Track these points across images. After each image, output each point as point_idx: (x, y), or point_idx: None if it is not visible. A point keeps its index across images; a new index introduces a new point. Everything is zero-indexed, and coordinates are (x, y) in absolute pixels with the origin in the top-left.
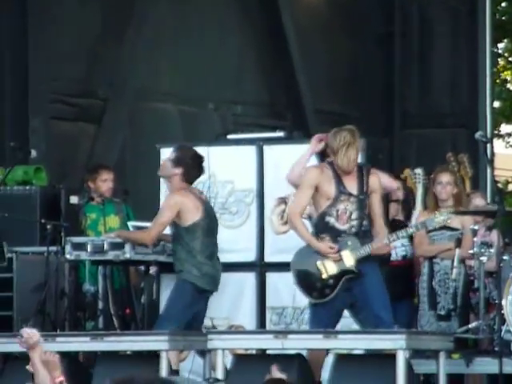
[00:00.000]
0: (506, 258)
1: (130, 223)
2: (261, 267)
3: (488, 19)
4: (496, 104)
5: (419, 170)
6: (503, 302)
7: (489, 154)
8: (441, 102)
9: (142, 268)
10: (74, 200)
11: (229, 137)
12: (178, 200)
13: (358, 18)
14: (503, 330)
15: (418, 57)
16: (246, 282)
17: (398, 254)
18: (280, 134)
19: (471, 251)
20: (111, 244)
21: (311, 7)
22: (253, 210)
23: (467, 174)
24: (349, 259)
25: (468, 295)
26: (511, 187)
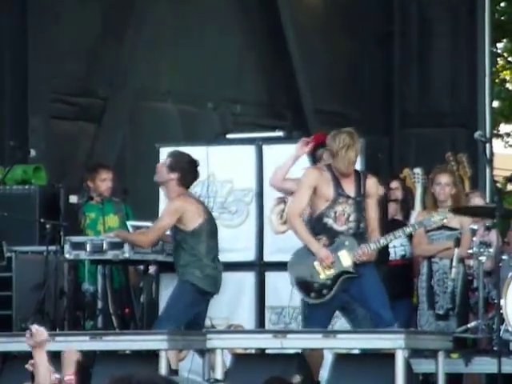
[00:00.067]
0: (504, 257)
1: (129, 223)
2: (260, 267)
3: (487, 19)
4: (495, 104)
5: (418, 170)
6: (502, 302)
7: (488, 154)
8: (440, 101)
9: (141, 267)
10: (73, 199)
11: (228, 136)
12: (178, 205)
13: (357, 17)
14: (502, 329)
15: (417, 56)
16: (245, 281)
17: (396, 253)
18: (279, 133)
19: (470, 251)
20: (110, 243)
21: (311, 7)
22: (252, 209)
23: (466, 174)
24: (346, 259)
25: (467, 295)
26: (510, 187)
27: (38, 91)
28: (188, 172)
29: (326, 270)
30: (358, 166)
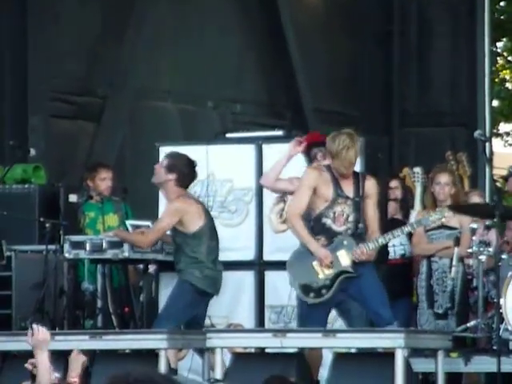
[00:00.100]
0: (504, 256)
1: (128, 222)
2: (259, 266)
3: (487, 18)
4: (495, 103)
5: (418, 169)
6: (501, 301)
7: (487, 153)
8: (440, 100)
9: (140, 266)
10: (72, 198)
11: (228, 135)
12: (179, 207)
13: (357, 17)
14: (501, 328)
15: (416, 56)
16: (245, 280)
17: (396, 252)
18: (279, 132)
19: (470, 250)
20: (110, 243)
21: (310, 7)
22: (252, 208)
23: (466, 173)
24: (345, 259)
25: (466, 294)
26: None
27: (37, 91)
28: (186, 172)
29: (324, 270)
30: (357, 165)
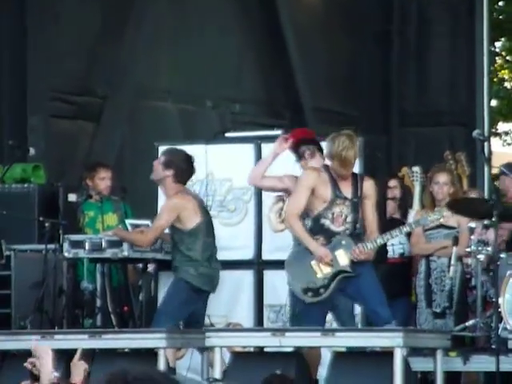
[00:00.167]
0: (503, 256)
1: (127, 221)
2: (258, 265)
3: (485, 18)
4: (493, 102)
5: (417, 169)
6: (500, 300)
7: (486, 153)
8: (438, 100)
9: (139, 266)
10: (72, 198)
11: (227, 135)
12: (177, 204)
13: (356, 17)
14: (500, 327)
15: (415, 55)
16: (244, 279)
17: (395, 251)
18: (278, 132)
19: (468, 249)
20: (109, 242)
21: (310, 7)
22: (251, 207)
23: (465, 173)
24: (343, 259)
25: (465, 293)
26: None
27: (37, 90)
28: (183, 168)
29: (323, 270)
30: (356, 164)
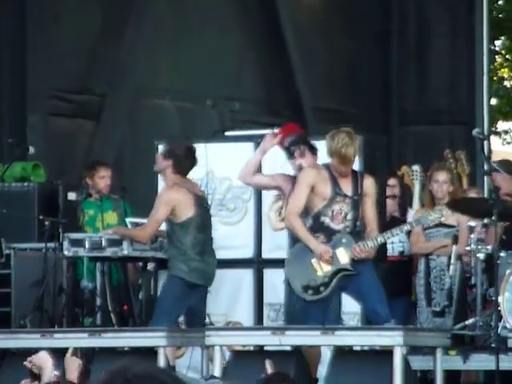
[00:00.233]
0: (502, 254)
1: (127, 220)
2: (258, 264)
3: (485, 17)
4: (493, 101)
5: (416, 167)
6: (500, 299)
7: (486, 151)
8: (438, 99)
9: (139, 264)
10: (71, 196)
11: (226, 134)
12: (171, 196)
13: (356, 16)
14: (500, 326)
15: (415, 54)
16: (244, 278)
17: (394, 249)
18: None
19: (468, 248)
20: (109, 240)
21: (309, 6)
22: (250, 206)
23: (464, 171)
24: (343, 257)
25: (464, 292)
26: None
27: (36, 89)
28: (182, 159)
29: (323, 267)
30: (356, 163)
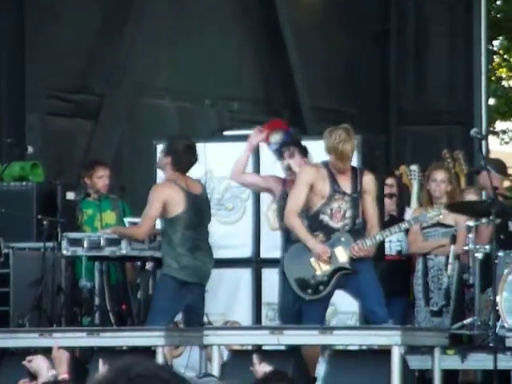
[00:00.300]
0: (500, 254)
1: (126, 219)
2: (257, 263)
3: (483, 17)
4: (491, 101)
5: (415, 167)
6: (498, 299)
7: (484, 151)
8: (436, 99)
9: (138, 264)
10: (70, 196)
11: (225, 133)
12: (163, 192)
13: (354, 15)
14: (498, 325)
15: (413, 54)
16: (242, 277)
17: (392, 248)
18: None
19: (466, 247)
20: (107, 240)
21: (308, 5)
22: (249, 206)
23: (462, 171)
24: (342, 256)
25: (462, 291)
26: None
27: (34, 89)
28: (181, 156)
29: (322, 266)
30: (354, 163)
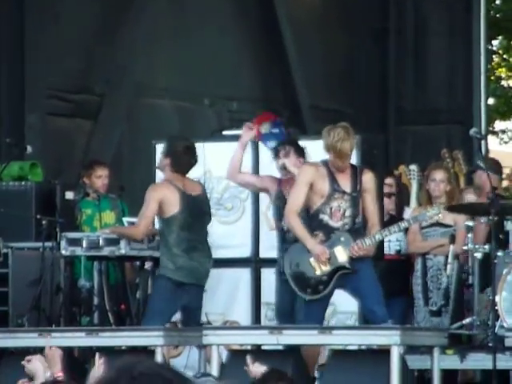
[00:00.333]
0: (500, 254)
1: (125, 219)
2: (256, 263)
3: (483, 16)
4: (490, 101)
5: (414, 167)
6: (497, 298)
7: (483, 151)
8: (436, 98)
9: (137, 263)
10: (69, 196)
11: (224, 133)
12: (160, 191)
13: (353, 13)
14: (497, 325)
15: (413, 53)
16: (241, 277)
17: (391, 248)
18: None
19: (465, 247)
20: (106, 240)
21: (307, 3)
22: (248, 205)
23: (462, 171)
24: (342, 255)
25: (462, 291)
26: (505, 183)
27: (34, 88)
28: (180, 157)
29: (322, 266)
30: (353, 161)
